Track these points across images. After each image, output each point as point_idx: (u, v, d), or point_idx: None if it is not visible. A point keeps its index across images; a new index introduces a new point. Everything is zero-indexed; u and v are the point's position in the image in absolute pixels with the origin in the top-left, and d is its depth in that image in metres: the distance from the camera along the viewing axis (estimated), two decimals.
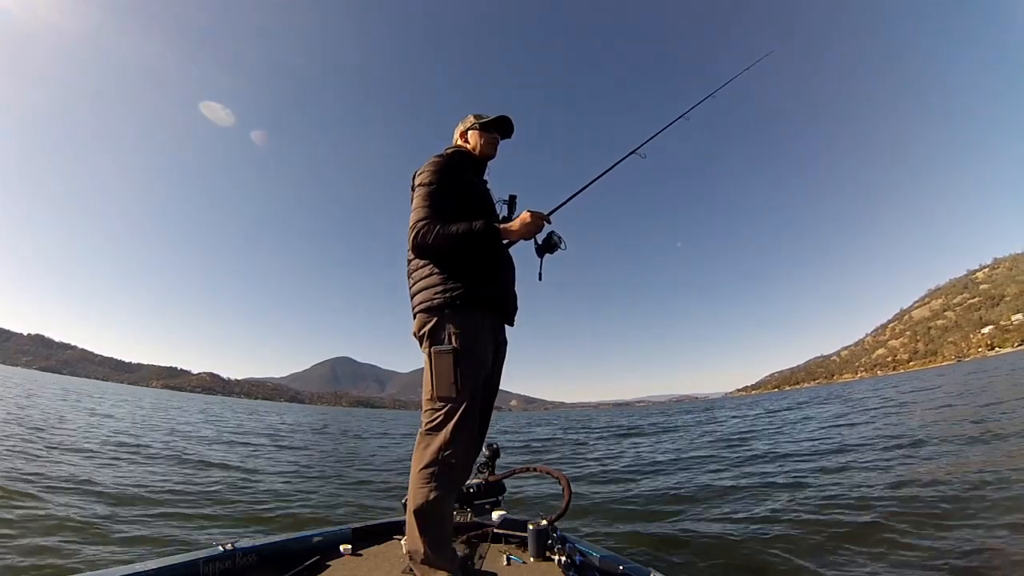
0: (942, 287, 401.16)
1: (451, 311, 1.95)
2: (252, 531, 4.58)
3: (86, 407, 20.73)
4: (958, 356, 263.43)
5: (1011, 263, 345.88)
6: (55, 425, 11.75)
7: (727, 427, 16.20)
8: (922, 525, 3.96)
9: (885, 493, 4.95)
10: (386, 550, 2.39)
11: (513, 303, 2.20)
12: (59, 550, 3.56)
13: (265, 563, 2.12)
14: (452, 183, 2.06)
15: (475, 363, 1.95)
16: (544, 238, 2.14)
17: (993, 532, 3.65)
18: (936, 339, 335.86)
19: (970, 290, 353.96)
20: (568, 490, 2.48)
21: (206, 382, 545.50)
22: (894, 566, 3.31)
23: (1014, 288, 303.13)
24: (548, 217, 2.13)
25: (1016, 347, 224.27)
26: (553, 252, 2.16)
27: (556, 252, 2.17)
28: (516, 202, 2.28)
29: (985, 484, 4.82)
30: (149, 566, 1.79)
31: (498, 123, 2.37)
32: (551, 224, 2.14)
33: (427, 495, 1.85)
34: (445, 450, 1.87)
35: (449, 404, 1.90)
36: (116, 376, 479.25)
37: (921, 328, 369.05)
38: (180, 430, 14.86)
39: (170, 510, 4.98)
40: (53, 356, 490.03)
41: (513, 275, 2.23)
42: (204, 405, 49.17)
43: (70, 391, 37.04)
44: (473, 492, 2.69)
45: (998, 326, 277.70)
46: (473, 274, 2.00)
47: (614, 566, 2.12)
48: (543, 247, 2.15)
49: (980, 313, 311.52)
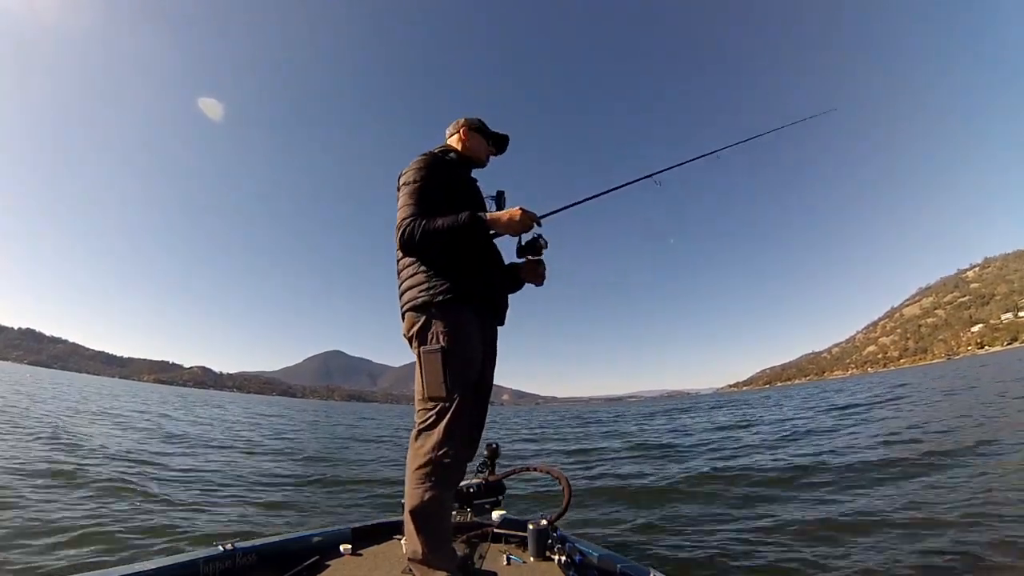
0: (933, 286, 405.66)
1: (438, 309, 1.94)
2: (252, 531, 4.57)
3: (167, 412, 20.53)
4: (948, 354, 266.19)
5: (1001, 263, 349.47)
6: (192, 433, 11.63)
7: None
8: (920, 525, 4.01)
9: (884, 493, 4.99)
10: (386, 550, 2.38)
11: (503, 301, 2.19)
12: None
13: (265, 563, 2.11)
14: (438, 179, 2.05)
15: (464, 361, 1.94)
16: (529, 240, 2.11)
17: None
18: (926, 337, 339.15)
19: (960, 289, 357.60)
20: (568, 490, 2.48)
21: (198, 376, 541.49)
22: (893, 565, 3.33)
23: (1004, 287, 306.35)
24: (539, 219, 2.08)
25: (1006, 346, 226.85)
26: (536, 256, 2.13)
27: (538, 257, 2.14)
28: (504, 198, 2.24)
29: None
30: (149, 566, 1.79)
31: (495, 135, 2.39)
32: (540, 227, 2.10)
33: (423, 495, 1.85)
34: (439, 449, 1.87)
35: (440, 404, 1.90)
36: (107, 370, 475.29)
37: (912, 326, 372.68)
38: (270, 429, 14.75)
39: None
40: (44, 350, 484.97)
41: (501, 271, 2.21)
42: (248, 406, 48.37)
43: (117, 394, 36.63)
44: (473, 492, 2.68)
45: (988, 325, 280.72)
46: (459, 270, 1.98)
47: (614, 565, 2.12)
48: (525, 248, 2.12)
49: (970, 312, 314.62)
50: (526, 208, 2.03)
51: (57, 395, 23.63)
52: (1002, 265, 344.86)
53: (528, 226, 2.04)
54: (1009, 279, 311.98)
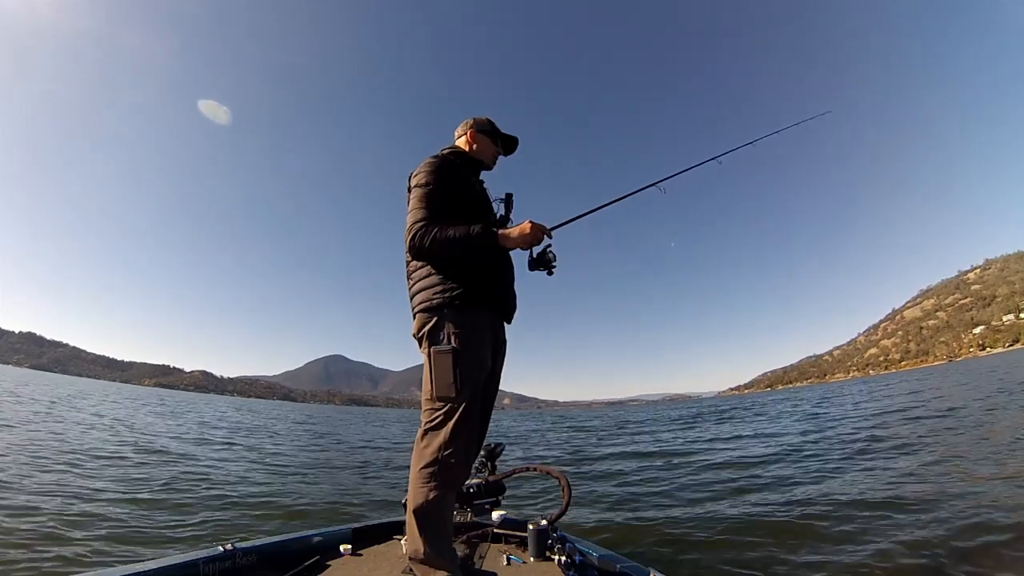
0: (934, 287, 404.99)
1: (450, 311, 1.95)
2: (252, 531, 4.57)
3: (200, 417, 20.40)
4: (949, 356, 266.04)
5: (1002, 264, 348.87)
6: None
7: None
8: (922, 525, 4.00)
9: (882, 493, 4.99)
10: (386, 550, 2.39)
11: (512, 302, 2.20)
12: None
13: (265, 563, 2.12)
14: (449, 184, 2.05)
15: (474, 363, 1.95)
16: (540, 252, 2.08)
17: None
18: (928, 339, 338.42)
19: (961, 291, 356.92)
20: (568, 490, 2.49)
21: (199, 380, 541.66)
22: (893, 564, 3.34)
23: (1005, 289, 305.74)
24: (550, 231, 2.08)
25: (1007, 347, 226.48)
26: (547, 269, 2.10)
27: (551, 269, 2.10)
28: (513, 200, 2.25)
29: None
30: (149, 566, 1.80)
31: (504, 136, 2.38)
32: (551, 239, 2.09)
33: (427, 495, 1.85)
34: (445, 450, 1.87)
35: (449, 404, 1.90)
36: (108, 374, 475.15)
37: (913, 328, 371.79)
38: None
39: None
40: (45, 354, 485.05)
41: (512, 274, 2.22)
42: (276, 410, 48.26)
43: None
44: (473, 492, 2.69)
45: (989, 326, 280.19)
46: (472, 274, 1.99)
47: (614, 565, 2.13)
48: (537, 261, 2.09)
49: (971, 314, 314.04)
50: (535, 221, 2.02)
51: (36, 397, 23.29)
52: (1003, 266, 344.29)
53: (539, 239, 2.03)
54: (1010, 280, 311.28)
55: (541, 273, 2.12)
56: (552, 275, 2.11)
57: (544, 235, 2.05)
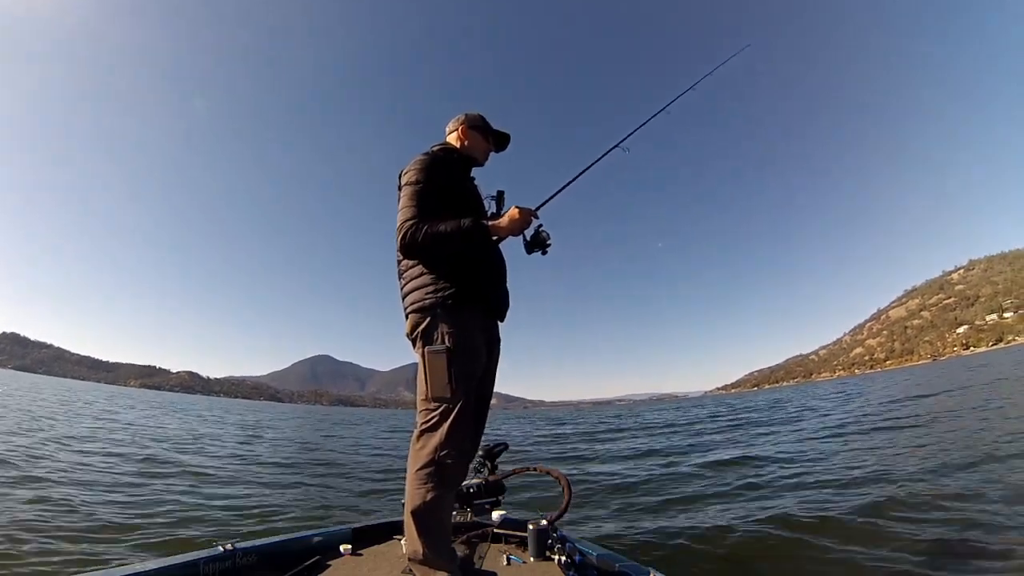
0: (918, 287, 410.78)
1: (443, 311, 1.94)
2: (252, 531, 4.54)
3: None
4: (934, 355, 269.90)
5: (986, 265, 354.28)
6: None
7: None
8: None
9: (879, 493, 5.04)
10: (386, 550, 2.39)
11: (505, 300, 2.20)
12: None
13: (265, 563, 2.11)
14: (439, 181, 2.04)
15: (469, 362, 1.95)
16: (532, 234, 2.12)
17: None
18: (912, 338, 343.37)
19: (946, 291, 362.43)
20: (568, 490, 2.50)
21: (185, 381, 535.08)
22: (893, 563, 3.37)
23: (988, 289, 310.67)
24: (536, 212, 2.11)
25: (990, 346, 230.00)
26: (543, 248, 2.13)
27: (546, 248, 2.13)
28: (504, 198, 2.25)
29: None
30: (149, 566, 1.79)
31: (496, 132, 2.38)
32: (539, 219, 2.12)
33: (424, 495, 1.86)
34: (441, 450, 1.87)
35: (444, 404, 1.90)
36: (93, 375, 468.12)
37: (898, 328, 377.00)
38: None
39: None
40: (28, 355, 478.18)
41: (504, 272, 2.23)
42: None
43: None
44: (473, 492, 2.68)
45: (973, 326, 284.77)
46: (464, 273, 1.99)
47: (614, 565, 2.13)
48: (532, 243, 2.12)
49: (955, 313, 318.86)
50: (521, 205, 2.06)
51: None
52: (987, 267, 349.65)
53: (528, 222, 2.06)
54: (993, 281, 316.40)
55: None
56: (546, 254, 2.14)
57: (532, 217, 2.08)
